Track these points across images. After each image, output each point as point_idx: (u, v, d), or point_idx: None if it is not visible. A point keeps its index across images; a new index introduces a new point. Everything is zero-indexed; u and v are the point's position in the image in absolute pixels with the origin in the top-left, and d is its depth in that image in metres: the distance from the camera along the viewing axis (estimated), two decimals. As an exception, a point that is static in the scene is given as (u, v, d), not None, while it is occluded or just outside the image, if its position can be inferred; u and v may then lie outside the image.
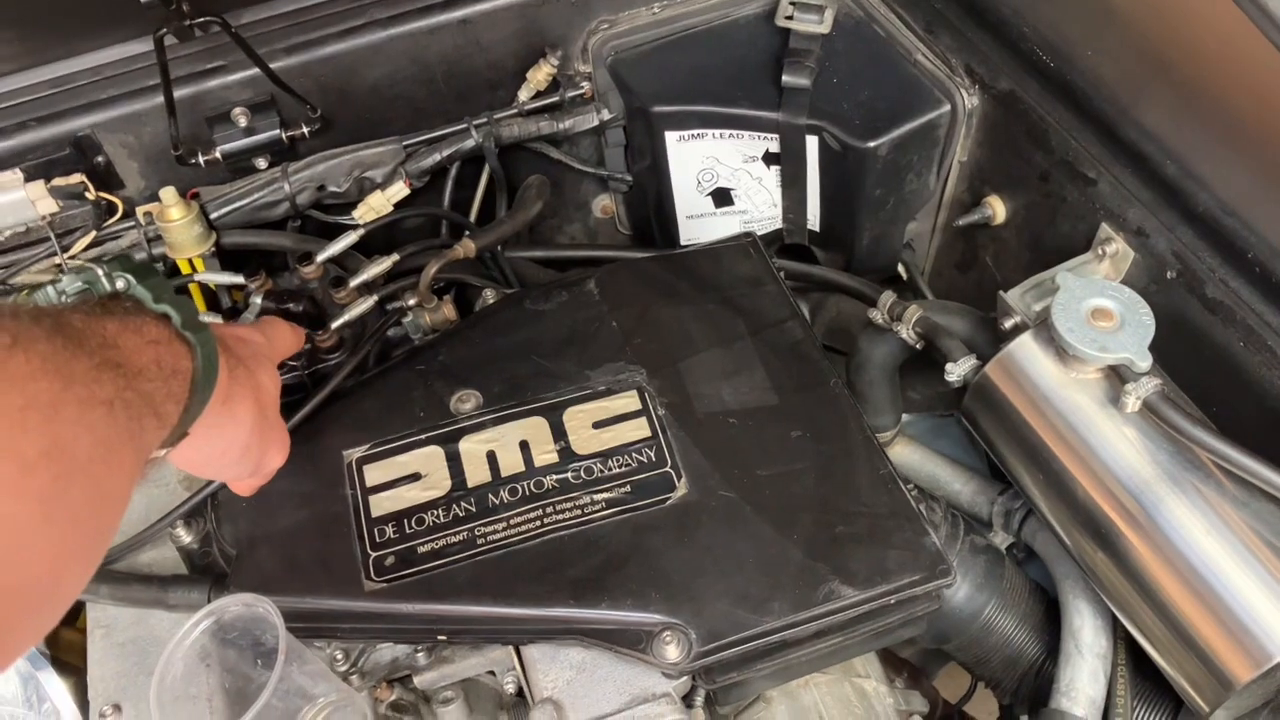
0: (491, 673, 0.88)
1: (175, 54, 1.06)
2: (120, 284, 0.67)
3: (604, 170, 1.33)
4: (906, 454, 1.15)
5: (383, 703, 0.86)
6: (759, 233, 1.15)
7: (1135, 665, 0.92)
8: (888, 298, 1.04)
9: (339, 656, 0.83)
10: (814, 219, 1.24)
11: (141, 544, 0.91)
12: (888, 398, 1.11)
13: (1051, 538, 0.96)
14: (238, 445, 0.76)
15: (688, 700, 0.83)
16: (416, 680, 0.85)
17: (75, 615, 1.01)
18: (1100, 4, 0.96)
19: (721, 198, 1.27)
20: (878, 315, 1.04)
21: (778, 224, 1.27)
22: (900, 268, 1.26)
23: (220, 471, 0.82)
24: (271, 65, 1.07)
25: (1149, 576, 0.82)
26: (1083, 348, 0.84)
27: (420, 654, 0.85)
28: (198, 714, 0.77)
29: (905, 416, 1.17)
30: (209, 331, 0.67)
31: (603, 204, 1.41)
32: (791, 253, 1.29)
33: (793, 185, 1.20)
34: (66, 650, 0.98)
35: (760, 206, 1.26)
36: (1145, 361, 0.83)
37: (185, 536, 0.88)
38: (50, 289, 0.67)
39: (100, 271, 0.67)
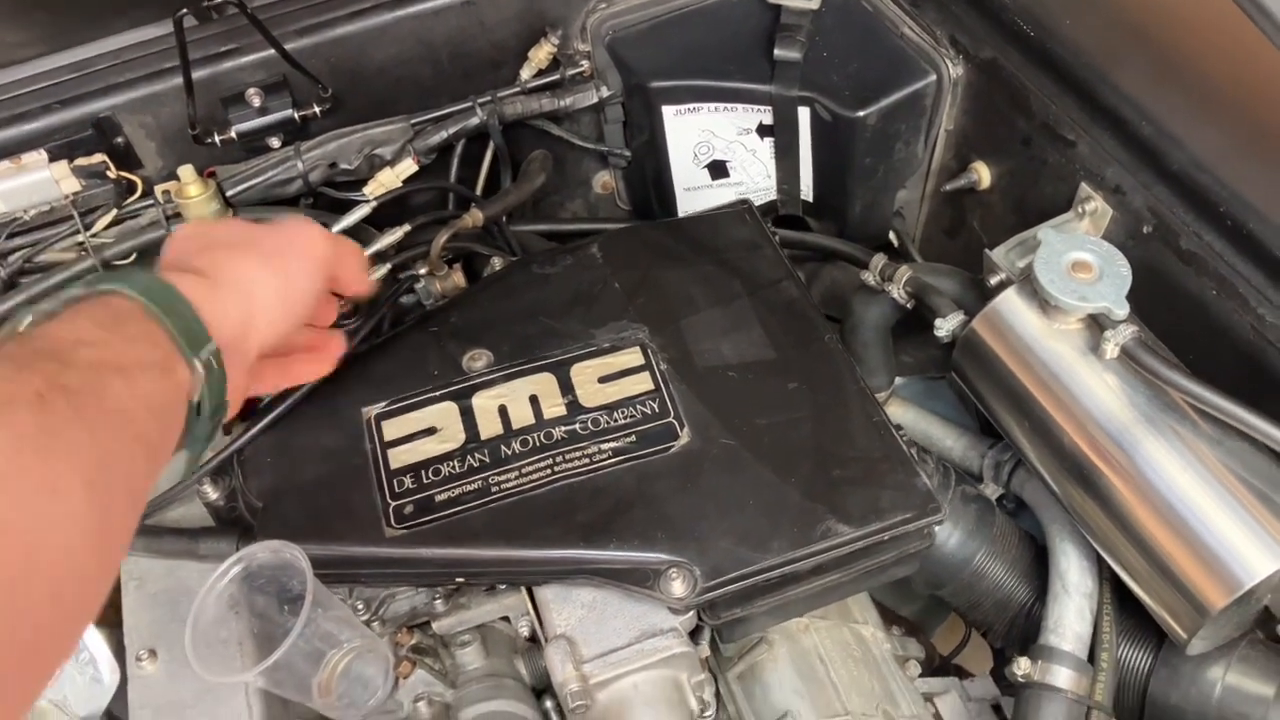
0: (506, 619, 0.92)
1: (192, 36, 1.09)
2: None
3: (604, 146, 1.35)
4: (900, 414, 1.17)
5: (403, 646, 0.89)
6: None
7: (1120, 604, 0.96)
8: (879, 260, 1.07)
9: (360, 606, 0.87)
10: (807, 189, 1.28)
11: (170, 501, 0.94)
12: (881, 359, 1.15)
13: (1039, 485, 0.99)
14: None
15: (693, 638, 0.86)
16: (435, 626, 0.88)
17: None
18: (1078, -26, 1.00)
19: (718, 170, 1.30)
20: (870, 277, 1.08)
21: (772, 195, 1.30)
22: (891, 235, 1.29)
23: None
24: (285, 46, 1.11)
25: (1130, 514, 0.86)
26: (1063, 298, 0.87)
27: (438, 601, 0.88)
28: (229, 657, 0.81)
29: (898, 380, 1.21)
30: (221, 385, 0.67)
31: (603, 180, 1.44)
32: (786, 223, 1.32)
33: (786, 156, 1.24)
34: (100, 605, 1.02)
35: (755, 178, 1.30)
36: (1123, 310, 0.86)
37: (212, 493, 0.91)
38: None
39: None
